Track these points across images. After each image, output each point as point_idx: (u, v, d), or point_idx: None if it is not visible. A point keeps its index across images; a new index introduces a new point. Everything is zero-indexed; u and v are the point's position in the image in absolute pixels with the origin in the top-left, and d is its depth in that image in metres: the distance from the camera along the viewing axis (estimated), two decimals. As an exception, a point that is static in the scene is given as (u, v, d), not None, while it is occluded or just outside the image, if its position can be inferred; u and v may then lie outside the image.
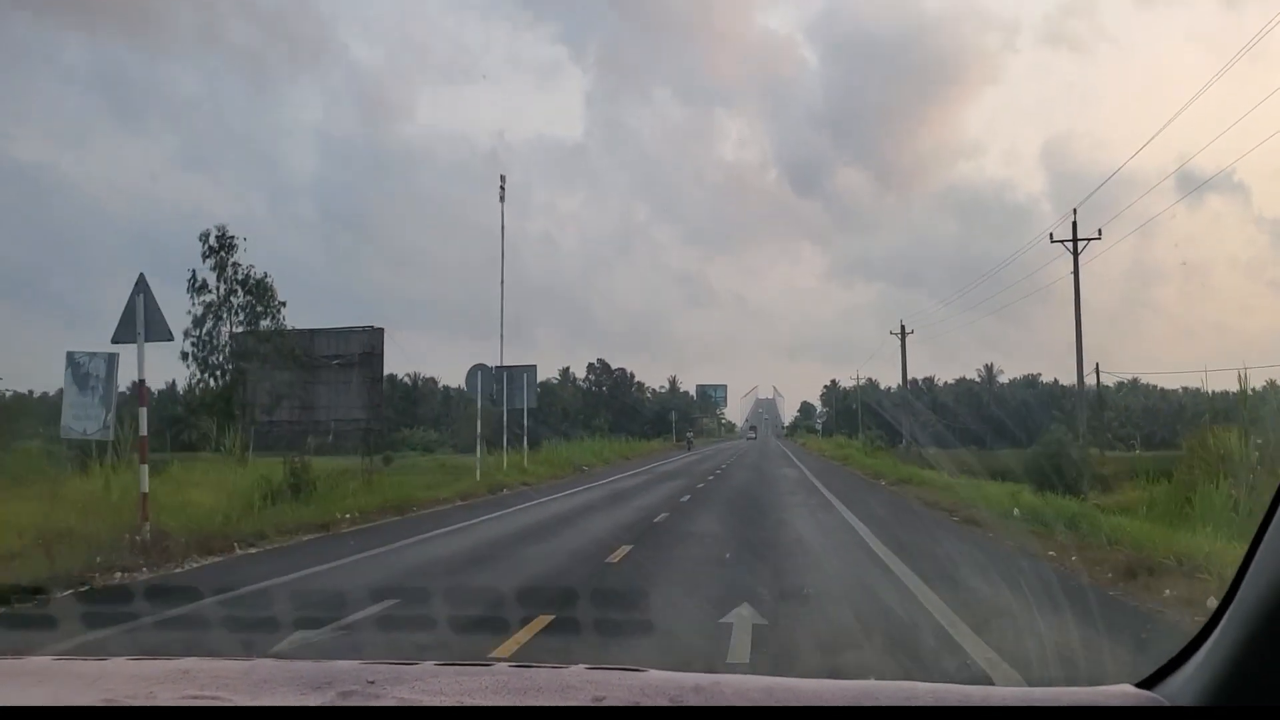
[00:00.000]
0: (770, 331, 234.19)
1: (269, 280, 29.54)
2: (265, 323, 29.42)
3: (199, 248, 28.62)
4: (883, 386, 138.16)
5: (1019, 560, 11.37)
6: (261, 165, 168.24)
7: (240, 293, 29.15)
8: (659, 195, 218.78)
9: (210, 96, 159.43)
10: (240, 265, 29.16)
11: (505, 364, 34.94)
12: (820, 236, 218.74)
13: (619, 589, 10.06)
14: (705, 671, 1.87)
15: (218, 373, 29.00)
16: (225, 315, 28.91)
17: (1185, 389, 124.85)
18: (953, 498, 19.61)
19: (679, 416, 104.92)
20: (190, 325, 28.72)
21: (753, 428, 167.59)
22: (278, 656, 3.23)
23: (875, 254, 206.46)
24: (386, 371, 30.09)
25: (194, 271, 28.92)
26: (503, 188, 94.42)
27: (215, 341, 28.94)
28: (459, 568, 12.14)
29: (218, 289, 28.92)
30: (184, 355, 28.56)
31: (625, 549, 13.05)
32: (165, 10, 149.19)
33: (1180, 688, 1.60)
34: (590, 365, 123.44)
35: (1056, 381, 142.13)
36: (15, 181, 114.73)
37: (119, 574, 11.01)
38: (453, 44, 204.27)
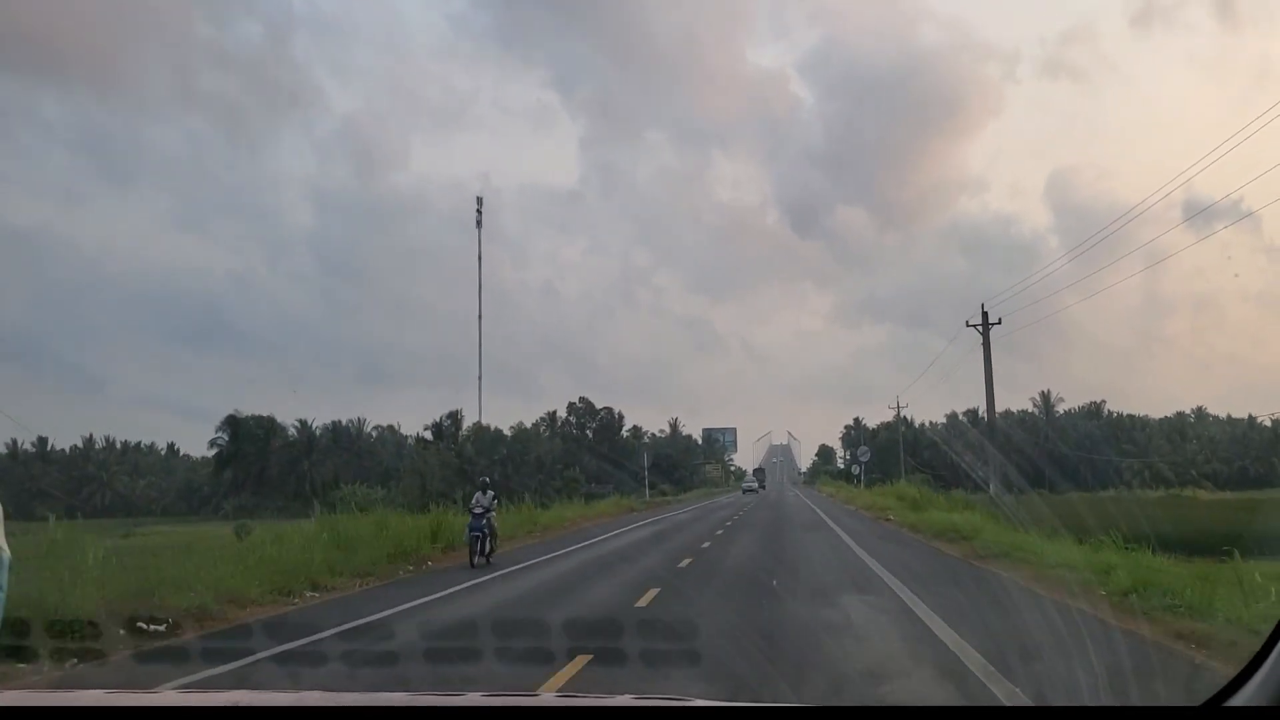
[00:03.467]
0: (780, 376, 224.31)
1: None
2: None
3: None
4: (916, 424, 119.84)
5: None
6: (252, 219, 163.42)
7: None
8: (659, 241, 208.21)
9: (193, 152, 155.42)
10: None
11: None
12: (825, 278, 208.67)
13: None
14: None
15: None
16: None
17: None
18: None
19: (652, 462, 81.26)
20: None
21: (757, 470, 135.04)
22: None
23: (882, 294, 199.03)
24: None
25: None
26: (479, 211, 76.34)
27: None
28: None
29: None
30: None
31: None
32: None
33: (1242, 705, 1.71)
34: (571, 404, 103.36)
35: (1109, 411, 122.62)
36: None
37: None
38: (440, 92, 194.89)
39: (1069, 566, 13.48)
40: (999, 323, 37.79)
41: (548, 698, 1.97)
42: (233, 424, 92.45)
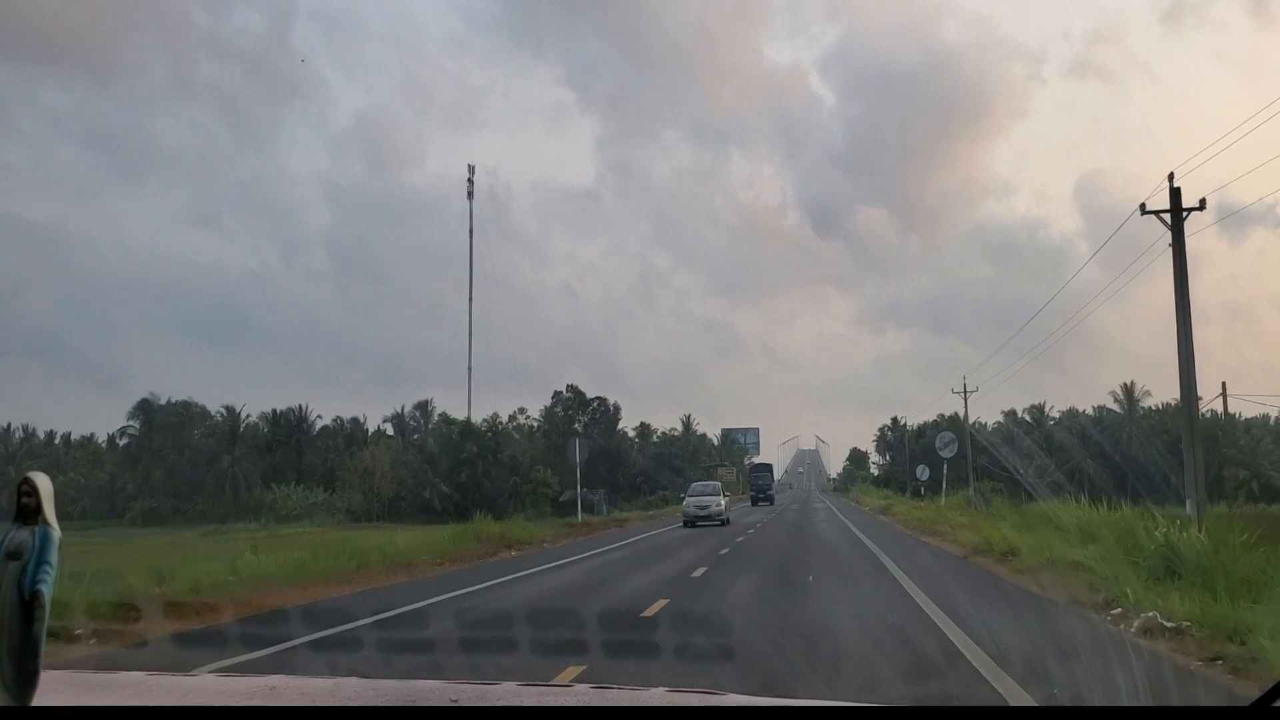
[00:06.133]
0: (805, 381, 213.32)
1: None
2: None
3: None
4: (973, 422, 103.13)
5: None
6: (266, 216, 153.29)
7: None
8: (676, 241, 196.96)
9: (202, 146, 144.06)
10: None
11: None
12: (847, 281, 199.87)
13: None
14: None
15: None
16: None
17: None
18: None
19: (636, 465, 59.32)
20: None
21: (759, 467, 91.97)
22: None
23: (907, 299, 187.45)
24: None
25: None
26: (470, 180, 59.97)
27: None
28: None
29: None
30: None
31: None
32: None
33: None
34: (557, 394, 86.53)
35: (1208, 410, 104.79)
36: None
37: None
38: (454, 89, 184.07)
39: None
40: (1201, 207, 20.73)
41: (581, 688, 1.94)
42: (146, 410, 76.85)
